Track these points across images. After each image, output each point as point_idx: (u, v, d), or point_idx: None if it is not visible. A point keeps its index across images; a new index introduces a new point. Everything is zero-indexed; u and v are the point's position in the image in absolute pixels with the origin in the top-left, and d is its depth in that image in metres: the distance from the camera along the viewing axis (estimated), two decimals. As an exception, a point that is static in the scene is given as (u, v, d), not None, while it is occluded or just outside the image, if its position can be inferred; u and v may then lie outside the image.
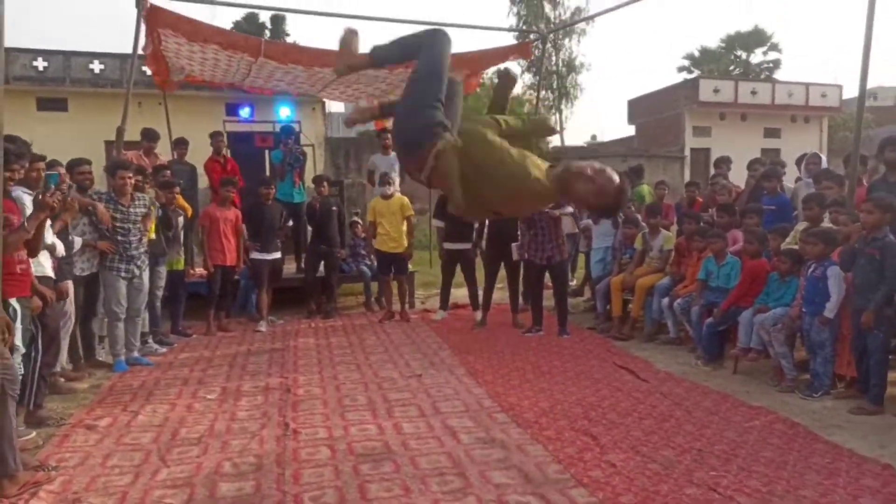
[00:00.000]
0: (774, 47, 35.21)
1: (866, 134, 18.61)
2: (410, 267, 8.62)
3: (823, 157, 7.70)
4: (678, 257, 6.75)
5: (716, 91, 25.12)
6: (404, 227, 7.76)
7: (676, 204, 8.67)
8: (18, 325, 3.67)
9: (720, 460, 3.56)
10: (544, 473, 3.40)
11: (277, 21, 30.25)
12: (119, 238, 5.54)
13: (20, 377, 3.57)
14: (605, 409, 4.43)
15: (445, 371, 5.47)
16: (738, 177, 8.43)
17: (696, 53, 36.01)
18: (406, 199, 7.88)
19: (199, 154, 9.35)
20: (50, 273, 4.42)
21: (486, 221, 7.49)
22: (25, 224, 3.58)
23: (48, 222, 4.21)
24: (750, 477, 3.34)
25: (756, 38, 35.13)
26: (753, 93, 25.64)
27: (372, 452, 3.73)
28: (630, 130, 29.89)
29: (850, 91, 23.49)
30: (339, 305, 8.46)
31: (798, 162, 7.53)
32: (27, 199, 4.04)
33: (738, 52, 35.71)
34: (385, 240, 7.68)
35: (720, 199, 7.26)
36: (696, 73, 33.28)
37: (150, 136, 7.84)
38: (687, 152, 24.07)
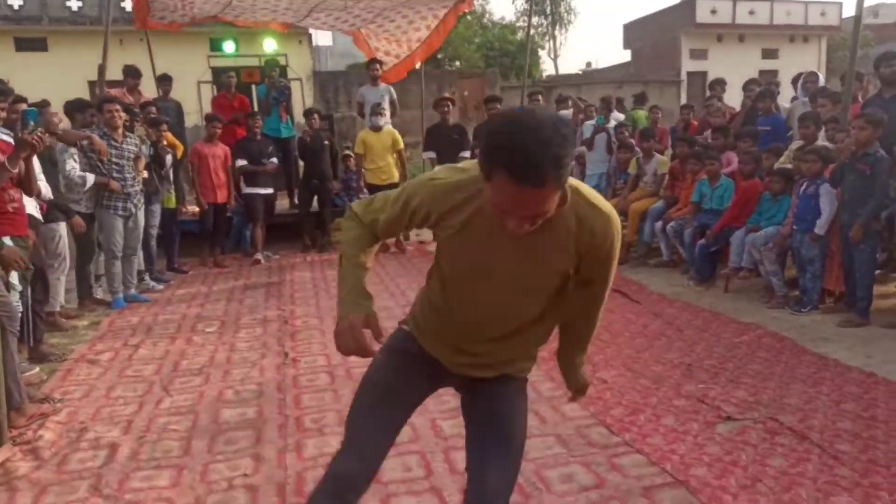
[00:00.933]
0: (774, -36, 34.07)
1: (866, 52, 18.28)
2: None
3: (821, 76, 7.58)
4: (672, 181, 6.74)
5: (713, 12, 24.48)
6: (392, 160, 7.67)
7: (672, 128, 8.58)
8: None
9: (709, 374, 3.65)
10: (538, 391, 3.49)
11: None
12: (115, 175, 5.50)
13: (19, 314, 3.61)
14: (599, 330, 4.47)
15: (441, 299, 5.53)
16: (736, 99, 8.31)
17: (694, -27, 34.83)
18: (396, 133, 7.76)
19: (183, 90, 9.18)
20: (34, 213, 4.39)
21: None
22: (7, 163, 3.54)
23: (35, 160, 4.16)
24: (737, 388, 3.43)
25: (755, -46, 33.92)
26: (751, 13, 24.99)
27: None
28: (626, 56, 29.28)
29: (850, 9, 22.93)
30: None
31: (794, 81, 7.40)
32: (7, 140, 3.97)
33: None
34: (376, 172, 7.62)
35: (715, 121, 7.18)
36: (693, -7, 32.28)
37: (132, 73, 7.64)
38: (683, 76, 23.65)
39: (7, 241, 3.67)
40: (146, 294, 5.98)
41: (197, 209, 7.31)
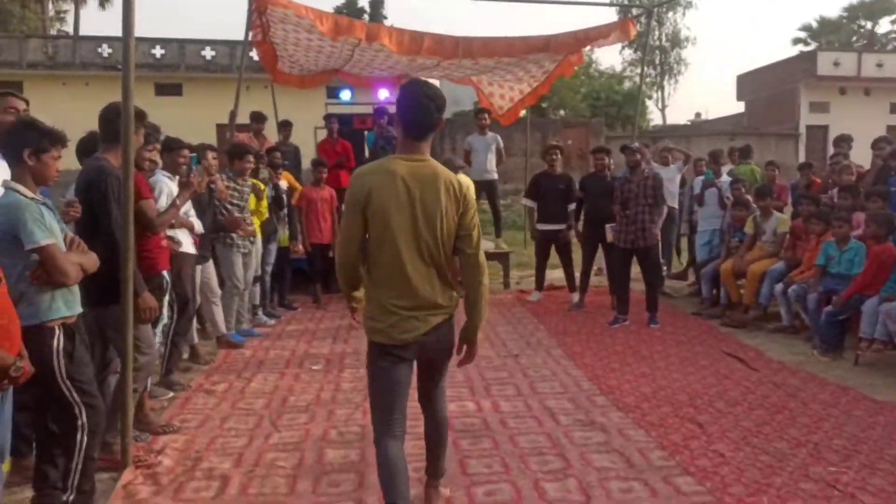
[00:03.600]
0: (904, 15, 32.29)
1: None
2: (505, 247, 8.65)
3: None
4: (794, 241, 6.37)
5: (836, 64, 23.38)
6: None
7: (792, 184, 8.15)
8: (166, 297, 3.99)
9: (840, 456, 3.35)
10: (648, 460, 3.32)
11: (376, 6, 30.82)
12: (237, 214, 5.82)
13: (157, 361, 3.87)
14: (712, 397, 4.27)
15: (542, 352, 5.44)
16: (860, 156, 7.80)
17: (814, 24, 33.56)
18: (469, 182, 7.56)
19: (301, 135, 9.71)
20: (192, 250, 4.67)
21: (583, 201, 7.26)
22: (177, 202, 3.94)
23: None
24: (874, 475, 3.12)
25: (882, 5, 32.31)
26: (879, 65, 23.67)
27: (471, 429, 3.78)
28: (739, 107, 28.38)
29: None
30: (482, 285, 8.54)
31: (930, 139, 6.88)
32: (167, 183, 4.28)
33: (862, 22, 32.98)
34: None
35: (843, 179, 6.74)
36: (813, 45, 31.05)
37: (258, 118, 8.19)
38: (802, 130, 22.59)
39: (165, 274, 3.96)
40: (259, 328, 6.24)
41: (304, 247, 7.54)
